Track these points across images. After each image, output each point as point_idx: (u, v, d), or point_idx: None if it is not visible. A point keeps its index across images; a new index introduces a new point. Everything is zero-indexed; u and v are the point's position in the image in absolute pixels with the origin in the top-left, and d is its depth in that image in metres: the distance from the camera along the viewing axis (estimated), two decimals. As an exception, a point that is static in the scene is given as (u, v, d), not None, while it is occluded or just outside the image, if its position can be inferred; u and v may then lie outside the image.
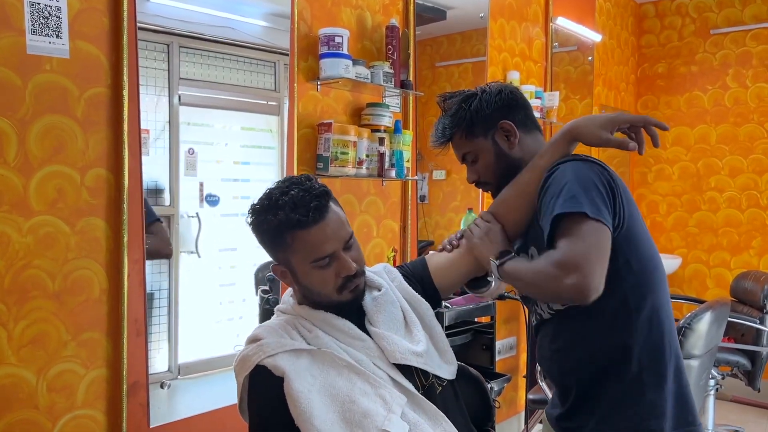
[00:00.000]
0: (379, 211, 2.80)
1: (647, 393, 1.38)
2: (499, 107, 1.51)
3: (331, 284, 1.31)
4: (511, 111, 1.51)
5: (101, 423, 1.89)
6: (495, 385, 2.68)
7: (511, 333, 3.64)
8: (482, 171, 1.53)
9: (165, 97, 2.23)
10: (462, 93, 1.56)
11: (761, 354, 3.57)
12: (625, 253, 1.35)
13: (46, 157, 1.76)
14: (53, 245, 1.79)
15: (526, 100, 1.56)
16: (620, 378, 1.39)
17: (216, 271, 2.48)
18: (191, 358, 2.32)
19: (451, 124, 1.53)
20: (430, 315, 1.44)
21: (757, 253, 4.56)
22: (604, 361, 1.41)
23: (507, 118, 1.50)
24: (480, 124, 1.50)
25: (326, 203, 1.29)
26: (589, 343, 1.42)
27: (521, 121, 1.52)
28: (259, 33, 2.51)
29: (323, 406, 1.20)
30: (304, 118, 2.46)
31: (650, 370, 1.38)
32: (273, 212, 1.26)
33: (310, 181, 1.31)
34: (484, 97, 1.51)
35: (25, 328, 1.73)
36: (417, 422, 1.24)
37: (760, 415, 4.19)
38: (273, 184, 1.33)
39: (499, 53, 3.48)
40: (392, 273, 1.48)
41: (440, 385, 1.37)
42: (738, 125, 4.63)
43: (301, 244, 1.27)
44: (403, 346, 1.32)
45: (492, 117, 1.50)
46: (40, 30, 1.73)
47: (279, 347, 1.27)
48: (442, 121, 1.56)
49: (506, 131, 1.50)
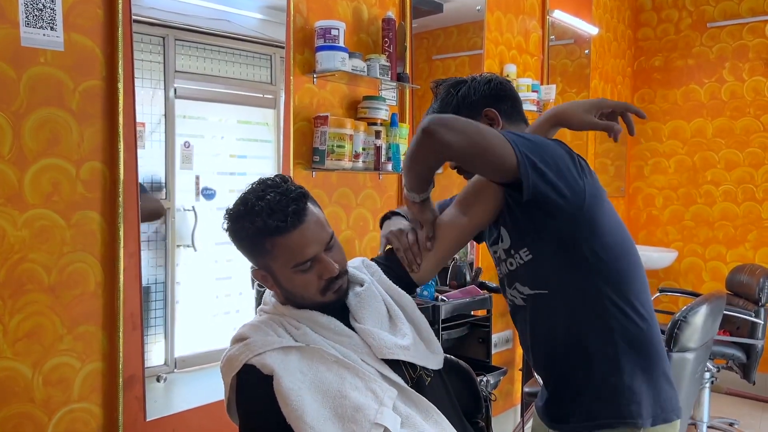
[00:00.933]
0: (376, 205, 2.79)
1: (625, 378, 1.38)
2: (486, 95, 1.51)
3: (314, 287, 1.30)
4: (498, 101, 1.51)
5: (97, 416, 1.89)
6: (491, 378, 2.68)
7: (507, 326, 3.65)
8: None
9: (161, 90, 2.22)
10: (453, 79, 1.57)
11: (756, 347, 3.58)
12: (589, 243, 1.35)
13: (40, 150, 1.76)
14: (48, 239, 1.78)
15: (515, 92, 1.57)
16: (598, 364, 1.40)
17: (212, 265, 2.47)
18: (188, 351, 2.32)
19: (439, 108, 1.55)
20: (413, 306, 1.43)
21: (753, 246, 4.57)
22: (579, 348, 1.42)
23: (492, 107, 1.50)
24: (465, 109, 1.50)
25: (304, 206, 1.26)
26: (564, 330, 1.43)
27: (506, 112, 1.52)
28: (255, 26, 2.50)
29: (315, 403, 1.19)
30: (300, 111, 2.45)
31: (627, 356, 1.39)
32: (250, 219, 1.23)
33: (285, 183, 1.28)
34: (473, 84, 1.52)
35: (21, 321, 1.73)
36: (409, 415, 1.24)
37: (755, 408, 4.22)
38: (247, 188, 1.30)
39: (495, 46, 3.48)
40: (371, 267, 1.46)
41: (429, 376, 1.36)
42: (734, 119, 4.64)
43: (281, 250, 1.25)
44: (389, 341, 1.31)
45: (478, 104, 1.50)
46: (34, 22, 1.72)
47: (266, 345, 1.25)
48: (432, 105, 1.58)
49: (489, 119, 1.50)
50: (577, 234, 1.35)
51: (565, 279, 1.40)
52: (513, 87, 1.58)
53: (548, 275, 1.41)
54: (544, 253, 1.39)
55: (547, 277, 1.42)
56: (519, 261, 1.44)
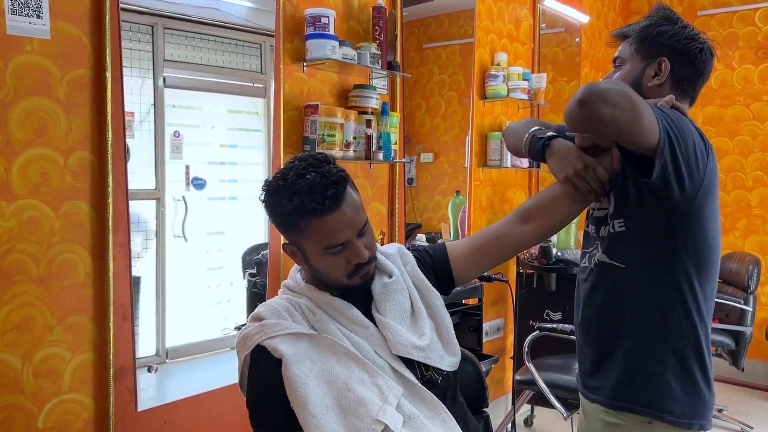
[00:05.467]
0: (367, 194, 2.79)
1: (667, 373, 1.40)
2: (677, 50, 1.45)
3: (342, 270, 1.30)
4: (683, 63, 1.46)
5: (88, 407, 1.89)
6: (483, 366, 2.69)
7: (498, 314, 3.66)
8: (615, 80, 1.51)
9: (150, 79, 2.20)
10: (670, 12, 1.50)
11: (745, 334, 3.62)
12: (684, 236, 1.36)
13: (28, 140, 1.74)
14: (37, 229, 1.77)
15: (706, 68, 1.50)
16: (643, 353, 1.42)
17: (203, 255, 2.47)
18: (179, 341, 2.32)
19: (635, 29, 1.51)
20: (440, 305, 1.43)
21: (742, 234, 4.60)
22: (630, 331, 1.43)
23: (674, 61, 1.45)
24: (650, 45, 1.47)
25: (343, 190, 1.26)
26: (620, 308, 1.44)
27: (681, 77, 1.47)
28: (244, 14, 2.48)
29: (319, 392, 1.21)
30: (290, 100, 2.44)
31: (673, 352, 1.40)
32: (288, 196, 1.24)
33: (328, 163, 1.28)
34: (677, 32, 1.46)
35: (10, 312, 1.72)
36: (413, 414, 1.24)
37: (744, 394, 4.25)
38: (289, 162, 1.30)
39: (486, 34, 3.46)
40: (406, 256, 1.46)
41: (440, 375, 1.36)
42: (724, 107, 4.65)
43: (315, 231, 1.25)
44: (406, 339, 1.31)
45: (662, 48, 1.46)
46: (19, 10, 1.70)
47: (279, 330, 1.26)
48: (640, 21, 1.53)
49: (659, 69, 1.46)
50: (678, 224, 1.35)
51: (646, 263, 1.40)
52: (710, 63, 1.50)
53: (631, 253, 1.41)
54: (637, 231, 1.39)
55: (629, 254, 1.42)
56: (611, 229, 1.43)
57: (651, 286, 1.40)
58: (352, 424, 1.19)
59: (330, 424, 1.18)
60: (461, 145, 3.35)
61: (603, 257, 1.46)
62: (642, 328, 1.42)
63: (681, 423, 1.40)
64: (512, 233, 1.46)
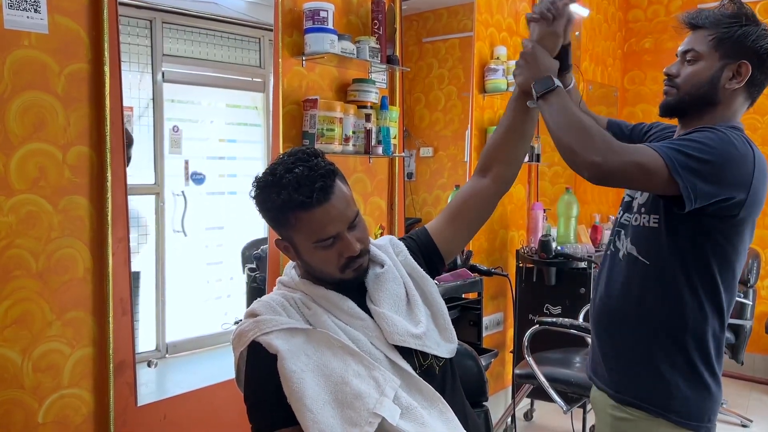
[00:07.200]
0: (366, 189, 2.79)
1: (675, 375, 1.41)
2: (759, 55, 1.39)
3: (334, 264, 1.30)
4: (762, 69, 1.41)
5: (88, 402, 1.89)
6: (483, 361, 2.69)
7: (498, 309, 3.66)
8: (687, 76, 1.44)
9: (148, 74, 2.20)
10: (755, 15, 1.43)
11: (745, 327, 3.62)
12: (719, 241, 1.37)
13: (26, 135, 1.74)
14: (36, 224, 1.76)
15: None
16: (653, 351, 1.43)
17: (203, 250, 2.47)
18: (179, 336, 2.32)
19: (715, 22, 1.42)
20: (434, 291, 1.43)
21: (742, 228, 4.59)
22: (648, 326, 1.44)
23: (753, 66, 1.39)
24: (731, 45, 1.39)
25: (332, 183, 1.26)
26: (640, 302, 1.45)
27: (755, 82, 1.42)
28: (243, 8, 2.47)
29: (316, 386, 1.21)
30: (289, 94, 2.43)
31: (685, 355, 1.41)
32: (276, 191, 1.24)
33: (316, 157, 1.28)
34: (761, 34, 1.39)
35: (9, 308, 1.72)
36: (410, 406, 1.24)
37: (743, 388, 4.26)
38: (278, 158, 1.30)
39: (486, 28, 3.45)
40: (398, 246, 1.46)
41: (438, 365, 1.36)
42: (724, 101, 4.63)
43: (304, 225, 1.25)
44: (402, 328, 1.31)
45: (744, 50, 1.39)
46: (17, 4, 1.69)
47: (274, 325, 1.26)
48: (716, 12, 1.44)
49: (738, 72, 1.40)
50: (716, 232, 1.36)
51: (672, 264, 1.40)
52: None
53: (659, 251, 1.42)
54: (671, 231, 1.40)
55: (657, 251, 1.42)
56: (644, 222, 1.44)
57: (673, 287, 1.40)
58: (349, 418, 1.19)
59: (327, 418, 1.18)
60: (461, 140, 3.35)
61: (632, 249, 1.47)
62: (656, 325, 1.42)
63: (687, 425, 1.40)
64: (477, 190, 1.47)
